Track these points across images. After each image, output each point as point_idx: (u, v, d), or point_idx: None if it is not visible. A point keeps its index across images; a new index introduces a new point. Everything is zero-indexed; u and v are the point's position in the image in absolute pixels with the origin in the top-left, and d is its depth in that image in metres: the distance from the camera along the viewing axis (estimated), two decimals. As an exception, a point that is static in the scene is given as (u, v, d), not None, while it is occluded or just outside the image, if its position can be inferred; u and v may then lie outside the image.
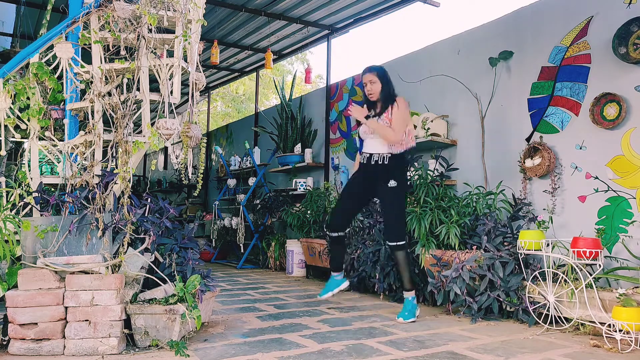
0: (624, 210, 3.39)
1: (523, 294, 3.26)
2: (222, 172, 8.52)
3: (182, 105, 9.36)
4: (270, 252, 6.60)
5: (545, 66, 3.96)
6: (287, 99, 6.88)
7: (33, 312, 2.46)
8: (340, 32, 6.60)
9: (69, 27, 3.04)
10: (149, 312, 2.55)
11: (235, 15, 6.26)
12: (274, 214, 6.72)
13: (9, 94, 2.92)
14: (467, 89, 4.55)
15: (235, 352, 2.54)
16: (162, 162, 11.11)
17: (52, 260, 2.56)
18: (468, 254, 3.53)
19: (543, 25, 4.01)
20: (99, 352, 2.46)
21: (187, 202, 9.50)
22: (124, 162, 2.84)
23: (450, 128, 4.70)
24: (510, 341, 2.84)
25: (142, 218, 2.83)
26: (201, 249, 3.99)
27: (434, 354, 2.56)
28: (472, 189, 4.06)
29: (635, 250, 3.27)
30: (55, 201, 2.81)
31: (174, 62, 3.00)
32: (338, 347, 2.65)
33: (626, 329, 2.61)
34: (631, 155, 3.38)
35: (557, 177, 3.79)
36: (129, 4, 2.95)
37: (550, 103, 3.90)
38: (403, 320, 3.31)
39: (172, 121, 2.90)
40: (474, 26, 4.66)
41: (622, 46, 3.43)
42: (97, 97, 2.94)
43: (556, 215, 3.74)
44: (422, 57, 5.15)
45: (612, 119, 3.47)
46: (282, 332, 2.99)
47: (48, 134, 3.07)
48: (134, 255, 2.69)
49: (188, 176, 3.71)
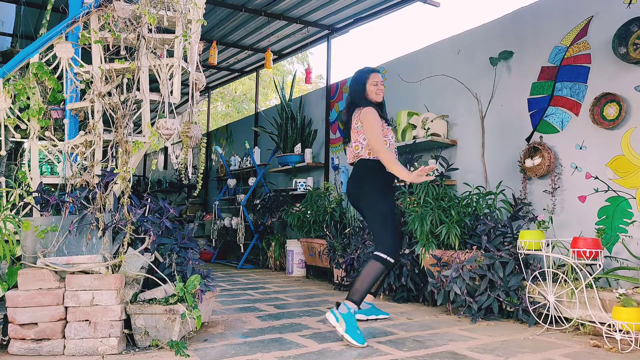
0: (624, 210, 3.39)
1: (523, 294, 3.26)
2: (222, 172, 8.52)
3: (182, 105, 9.36)
4: (270, 252, 6.60)
5: (545, 66, 3.96)
6: (287, 99, 6.88)
7: (33, 312, 2.46)
8: (340, 32, 6.60)
9: (69, 27, 3.04)
10: (149, 312, 2.55)
11: (235, 15, 6.26)
12: (274, 214, 6.72)
13: (9, 94, 2.92)
14: (467, 89, 4.55)
15: (235, 352, 2.54)
16: (162, 162, 11.10)
17: (52, 260, 2.56)
18: (468, 254, 3.53)
19: (543, 25, 4.01)
20: (99, 352, 2.46)
21: (187, 202, 9.50)
22: (124, 162, 2.83)
23: (450, 128, 4.70)
24: (510, 341, 2.84)
25: (142, 218, 2.83)
26: (201, 249, 3.99)
27: (434, 354, 2.56)
28: (472, 189, 4.07)
29: (635, 250, 3.27)
30: (55, 201, 2.81)
31: (174, 62, 3.00)
32: (338, 347, 2.65)
33: (626, 329, 2.61)
34: (631, 155, 3.38)
35: (557, 177, 3.79)
36: (129, 4, 2.95)
37: (550, 103, 3.90)
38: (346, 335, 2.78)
39: (172, 121, 2.90)
40: (474, 26, 4.66)
41: (622, 46, 3.43)
42: (97, 97, 2.94)
43: (556, 215, 3.74)
44: (422, 57, 5.14)
45: (612, 119, 3.47)
46: (282, 332, 2.99)
47: (48, 134, 3.07)
48: (134, 255, 2.69)
49: (188, 176, 3.70)
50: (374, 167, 3.06)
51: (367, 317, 3.39)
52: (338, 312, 2.81)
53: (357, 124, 3.12)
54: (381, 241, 2.96)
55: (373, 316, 3.41)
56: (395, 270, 4.04)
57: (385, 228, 2.97)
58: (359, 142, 3.11)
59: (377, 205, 3.01)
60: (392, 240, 2.95)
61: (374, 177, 3.07)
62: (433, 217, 3.82)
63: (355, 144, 3.13)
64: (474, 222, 3.79)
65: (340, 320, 2.77)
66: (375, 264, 2.90)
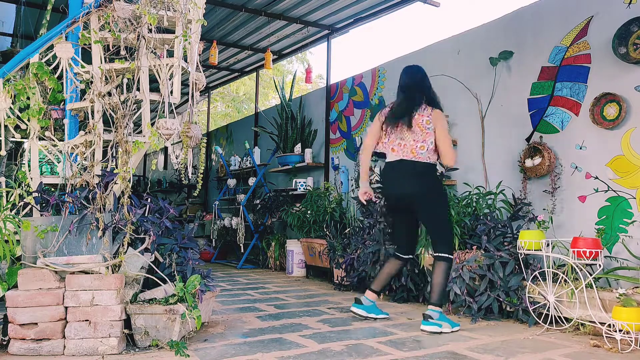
0: (624, 210, 3.39)
1: (523, 294, 3.26)
2: (222, 172, 8.52)
3: (182, 105, 9.36)
4: (270, 252, 6.60)
5: (545, 66, 3.96)
6: (287, 99, 6.88)
7: (33, 312, 2.46)
8: (340, 32, 6.60)
9: (69, 27, 3.04)
10: (149, 312, 2.55)
11: (235, 15, 6.26)
12: (274, 214, 6.72)
13: (9, 94, 2.91)
14: (467, 89, 4.55)
15: (235, 352, 2.54)
16: (162, 162, 11.10)
17: (52, 260, 2.56)
18: (468, 254, 3.53)
19: (543, 25, 4.01)
20: (99, 352, 2.46)
21: (187, 202, 9.50)
22: (124, 162, 2.83)
23: (450, 128, 4.69)
24: (510, 341, 2.83)
25: (142, 218, 2.83)
26: (201, 249, 3.99)
27: (434, 354, 2.56)
28: (472, 189, 4.07)
29: (635, 250, 3.27)
30: (55, 201, 2.81)
31: (174, 62, 3.00)
32: (338, 347, 2.65)
33: (626, 329, 2.61)
34: (631, 155, 3.38)
35: (557, 177, 3.79)
36: (129, 4, 2.95)
37: (550, 103, 3.90)
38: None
39: (172, 121, 2.90)
40: (474, 26, 4.66)
41: (622, 46, 3.43)
42: (97, 97, 2.94)
43: (556, 215, 3.74)
44: (422, 57, 5.14)
45: (612, 119, 3.47)
46: (282, 332, 2.99)
47: (48, 134, 3.07)
48: (134, 255, 2.69)
49: (188, 176, 3.70)
50: (436, 171, 3.34)
51: (367, 314, 3.39)
52: (434, 320, 3.03)
53: (429, 125, 3.22)
54: (447, 242, 3.23)
55: (373, 315, 3.40)
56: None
57: (448, 228, 3.32)
58: (427, 142, 3.22)
59: (444, 207, 3.30)
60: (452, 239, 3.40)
61: (439, 181, 3.41)
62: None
63: (422, 143, 3.22)
64: (473, 222, 3.79)
65: (443, 324, 3.02)
66: (445, 265, 3.17)
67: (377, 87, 5.66)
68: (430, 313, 3.06)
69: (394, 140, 3.30)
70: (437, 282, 3.15)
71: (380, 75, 5.64)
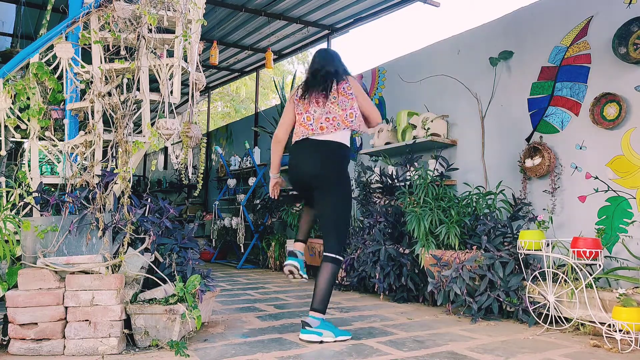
0: (624, 210, 3.39)
1: (523, 294, 3.26)
2: (222, 172, 8.52)
3: (182, 105, 9.36)
4: (270, 252, 6.60)
5: (545, 66, 3.96)
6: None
7: (33, 312, 2.46)
8: (340, 32, 6.61)
9: (69, 27, 3.04)
10: (149, 312, 2.55)
11: (235, 15, 6.26)
12: (274, 214, 6.72)
13: (9, 94, 2.91)
14: (467, 89, 4.55)
15: (235, 352, 2.54)
16: (162, 162, 11.10)
17: (52, 260, 2.56)
18: (468, 254, 3.53)
19: (543, 25, 4.01)
20: (99, 352, 2.46)
21: (187, 202, 9.49)
22: (124, 162, 2.83)
23: (450, 128, 4.70)
24: (510, 341, 2.83)
25: (142, 218, 2.83)
26: (201, 249, 3.99)
27: (434, 354, 2.56)
28: (472, 189, 4.07)
29: (635, 250, 3.27)
30: (55, 201, 2.81)
31: (174, 62, 3.00)
32: (338, 347, 2.65)
33: (626, 329, 2.61)
34: (631, 155, 3.38)
35: (557, 177, 3.79)
36: (129, 4, 2.95)
37: (550, 103, 3.90)
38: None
39: (172, 121, 2.90)
40: (474, 26, 4.66)
41: (622, 46, 3.43)
42: (97, 97, 2.94)
43: (556, 215, 3.74)
44: (422, 57, 5.14)
45: (612, 119, 3.47)
46: (282, 332, 2.99)
47: (48, 134, 3.07)
48: (134, 255, 2.69)
49: (188, 176, 3.70)
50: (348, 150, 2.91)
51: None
52: (314, 328, 2.73)
53: (350, 90, 2.92)
54: (342, 241, 2.87)
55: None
56: (395, 270, 4.04)
57: (347, 227, 2.90)
58: (354, 109, 2.90)
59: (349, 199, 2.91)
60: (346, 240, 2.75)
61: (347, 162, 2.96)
62: (433, 217, 3.82)
63: (350, 110, 2.89)
64: (473, 222, 3.79)
65: (324, 332, 2.73)
66: (334, 268, 2.80)
67: (377, 87, 5.66)
68: (309, 320, 2.74)
69: (319, 118, 2.91)
70: (322, 286, 2.78)
71: (380, 75, 5.63)
